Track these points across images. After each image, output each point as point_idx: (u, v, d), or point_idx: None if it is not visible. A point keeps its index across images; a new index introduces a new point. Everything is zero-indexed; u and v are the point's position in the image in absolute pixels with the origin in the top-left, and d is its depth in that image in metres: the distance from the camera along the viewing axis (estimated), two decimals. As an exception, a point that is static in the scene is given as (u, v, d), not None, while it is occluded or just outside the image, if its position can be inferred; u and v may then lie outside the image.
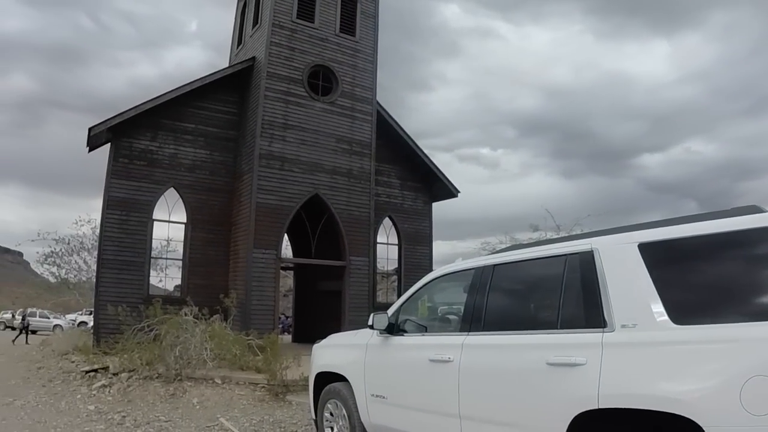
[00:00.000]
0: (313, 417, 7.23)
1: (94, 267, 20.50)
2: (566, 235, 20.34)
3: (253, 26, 19.85)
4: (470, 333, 4.98)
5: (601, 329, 3.86)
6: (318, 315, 21.22)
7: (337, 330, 12.88)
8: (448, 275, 5.86)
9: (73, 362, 14.71)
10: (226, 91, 19.10)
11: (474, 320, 5.02)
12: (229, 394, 11.63)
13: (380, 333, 6.01)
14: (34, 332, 27.86)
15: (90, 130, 16.67)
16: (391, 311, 6.05)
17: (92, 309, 21.60)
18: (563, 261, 4.41)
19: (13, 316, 44.50)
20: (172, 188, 18.01)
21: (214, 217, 18.49)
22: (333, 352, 7.13)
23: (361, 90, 19.60)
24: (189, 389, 11.69)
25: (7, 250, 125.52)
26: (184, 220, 18.23)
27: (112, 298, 16.10)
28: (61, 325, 37.28)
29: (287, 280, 32.88)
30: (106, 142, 17.56)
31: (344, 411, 6.45)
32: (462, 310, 5.33)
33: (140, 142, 17.61)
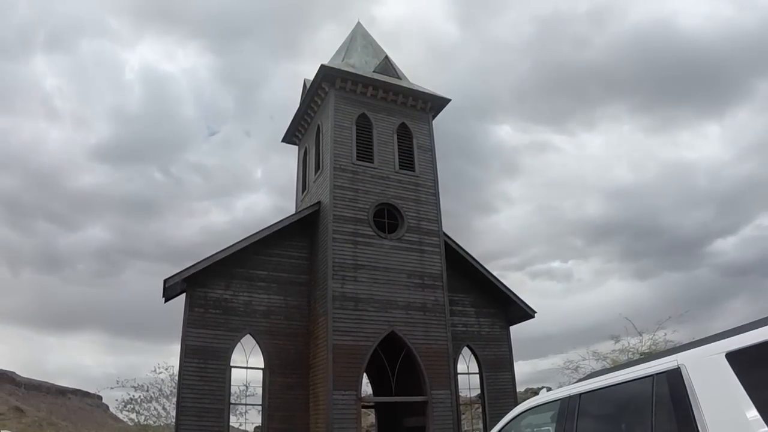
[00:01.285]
0: None
1: (174, 413, 20.55)
2: (650, 340, 19.79)
3: (316, 171, 20.60)
4: (562, 468, 4.74)
5: None
6: (403, 454, 20.49)
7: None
8: (534, 408, 5.66)
9: None
10: (295, 237, 19.64)
11: (565, 453, 4.78)
12: None
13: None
14: None
15: (165, 282, 17.27)
16: (478, 451, 5.84)
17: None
18: (650, 382, 4.19)
19: None
20: (248, 335, 18.23)
21: (292, 361, 18.50)
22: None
23: (427, 223, 19.84)
24: None
25: (87, 394, 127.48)
26: (262, 366, 18.29)
27: (192, 445, 16.04)
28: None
29: (368, 417, 32.19)
30: (181, 293, 18.13)
31: None
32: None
33: (214, 291, 18.07)
